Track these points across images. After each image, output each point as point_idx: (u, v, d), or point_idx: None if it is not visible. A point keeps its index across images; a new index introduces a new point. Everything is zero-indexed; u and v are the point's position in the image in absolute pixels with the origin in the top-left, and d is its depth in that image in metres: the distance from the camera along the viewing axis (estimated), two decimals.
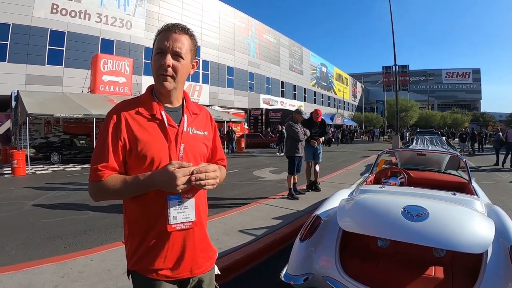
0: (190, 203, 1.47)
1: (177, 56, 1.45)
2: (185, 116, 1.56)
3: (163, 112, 1.49)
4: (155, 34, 1.52)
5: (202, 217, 1.55)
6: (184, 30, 1.50)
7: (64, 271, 3.68)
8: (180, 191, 1.34)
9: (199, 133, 1.60)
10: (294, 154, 7.65)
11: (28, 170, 13.19)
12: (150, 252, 1.44)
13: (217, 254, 1.72)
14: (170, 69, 1.44)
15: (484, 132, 28.79)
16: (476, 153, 24.21)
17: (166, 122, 1.48)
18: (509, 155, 16.02)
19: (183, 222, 1.45)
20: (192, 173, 1.33)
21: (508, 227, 2.94)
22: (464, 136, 24.41)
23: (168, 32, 1.46)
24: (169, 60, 1.43)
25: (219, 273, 1.76)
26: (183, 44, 1.47)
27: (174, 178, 1.29)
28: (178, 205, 1.43)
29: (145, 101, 1.51)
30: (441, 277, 2.74)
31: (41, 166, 15.21)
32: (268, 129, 34.39)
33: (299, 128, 7.64)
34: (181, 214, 1.44)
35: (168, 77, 1.45)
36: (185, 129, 1.52)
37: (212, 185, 1.41)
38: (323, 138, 8.48)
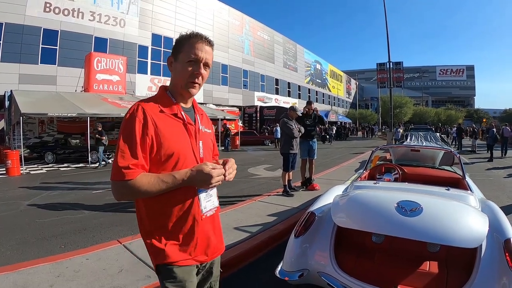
0: (214, 191, 1.67)
1: (206, 66, 1.62)
2: (197, 115, 1.71)
3: (183, 112, 1.62)
4: (181, 38, 1.61)
5: None
6: (211, 43, 1.65)
7: (59, 271, 3.68)
8: (213, 187, 1.54)
9: (207, 131, 1.77)
10: (288, 151, 7.66)
11: (22, 170, 13.11)
12: (181, 243, 1.54)
13: None
14: (200, 78, 1.60)
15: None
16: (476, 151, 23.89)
17: (186, 121, 1.61)
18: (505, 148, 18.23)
19: (210, 209, 1.63)
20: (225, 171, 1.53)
21: (502, 221, 2.96)
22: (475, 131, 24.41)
23: (202, 43, 1.59)
24: (202, 70, 1.59)
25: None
26: (211, 56, 1.63)
27: (210, 177, 1.45)
28: (206, 195, 1.61)
29: (164, 101, 1.60)
30: (435, 271, 2.76)
31: (35, 166, 15.12)
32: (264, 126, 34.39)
33: (293, 125, 7.65)
34: (209, 203, 1.63)
35: (197, 85, 1.61)
36: (199, 126, 1.69)
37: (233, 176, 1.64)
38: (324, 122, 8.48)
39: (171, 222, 1.52)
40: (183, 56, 1.56)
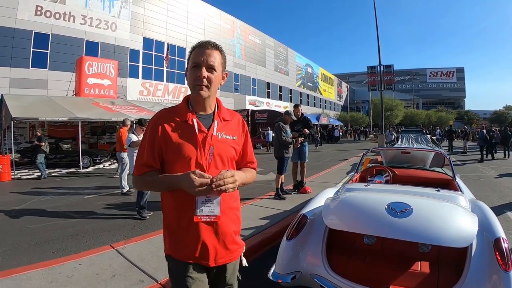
0: (217, 200, 1.67)
1: (210, 68, 1.70)
2: (216, 122, 1.79)
3: (195, 119, 1.74)
4: (189, 51, 1.78)
5: (227, 214, 1.75)
6: (215, 46, 1.75)
7: (52, 276, 3.67)
8: (198, 194, 1.58)
9: (227, 137, 1.81)
10: (283, 154, 7.70)
11: (13, 175, 13.01)
12: (179, 240, 1.70)
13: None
14: (205, 80, 1.69)
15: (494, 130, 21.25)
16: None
17: (196, 127, 1.71)
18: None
19: (208, 215, 1.66)
20: (212, 182, 1.54)
21: (492, 221, 3.01)
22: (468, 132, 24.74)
23: (202, 48, 1.71)
24: (204, 72, 1.68)
25: (247, 265, 2.04)
26: (215, 58, 1.72)
27: (193, 186, 1.51)
28: (205, 199, 1.65)
29: (180, 110, 1.78)
30: (427, 271, 2.80)
31: (27, 171, 14.97)
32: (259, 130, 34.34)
33: (287, 131, 7.69)
34: (207, 208, 1.66)
35: (203, 87, 1.70)
36: (214, 133, 1.75)
37: (233, 188, 1.62)
38: (307, 131, 8.28)
39: (174, 220, 1.71)
40: (190, 64, 1.73)
